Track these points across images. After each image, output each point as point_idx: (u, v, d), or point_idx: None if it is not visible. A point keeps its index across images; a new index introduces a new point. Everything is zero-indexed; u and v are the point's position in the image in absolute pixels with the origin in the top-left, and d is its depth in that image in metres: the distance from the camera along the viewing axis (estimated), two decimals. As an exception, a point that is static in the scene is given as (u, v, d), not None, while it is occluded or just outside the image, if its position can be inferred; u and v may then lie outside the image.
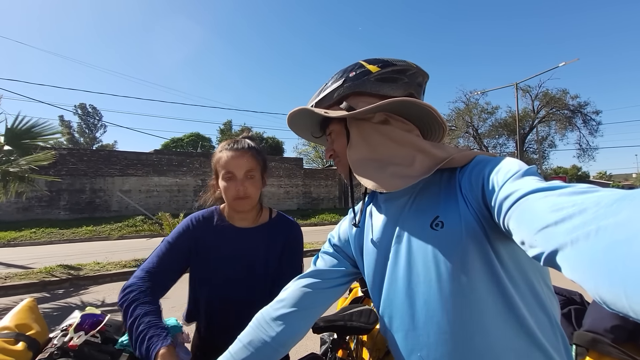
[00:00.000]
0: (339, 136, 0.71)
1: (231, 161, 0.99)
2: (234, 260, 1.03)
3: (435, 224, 0.57)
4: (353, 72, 0.66)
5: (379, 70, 0.65)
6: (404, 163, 0.61)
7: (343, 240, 0.78)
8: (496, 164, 0.52)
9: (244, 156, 1.00)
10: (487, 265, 0.52)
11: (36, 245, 9.56)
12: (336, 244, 0.79)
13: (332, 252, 0.78)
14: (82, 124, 39.75)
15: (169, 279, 0.97)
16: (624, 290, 0.27)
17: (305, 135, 0.81)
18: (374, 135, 0.65)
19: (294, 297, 0.71)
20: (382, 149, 0.64)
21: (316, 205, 18.77)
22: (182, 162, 15.12)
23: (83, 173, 13.09)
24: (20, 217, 11.85)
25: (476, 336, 0.52)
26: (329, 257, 0.77)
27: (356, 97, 0.66)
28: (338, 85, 0.67)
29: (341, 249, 0.77)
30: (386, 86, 0.65)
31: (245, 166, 0.99)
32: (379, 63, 0.66)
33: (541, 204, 0.39)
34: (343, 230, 0.79)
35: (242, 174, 0.99)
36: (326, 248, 0.80)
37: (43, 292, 4.71)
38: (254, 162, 1.01)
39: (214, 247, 1.03)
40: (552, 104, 21.99)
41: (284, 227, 1.10)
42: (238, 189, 0.98)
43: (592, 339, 0.83)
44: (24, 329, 0.77)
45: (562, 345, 0.55)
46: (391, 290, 0.62)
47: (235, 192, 0.99)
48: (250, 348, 0.66)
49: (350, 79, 0.66)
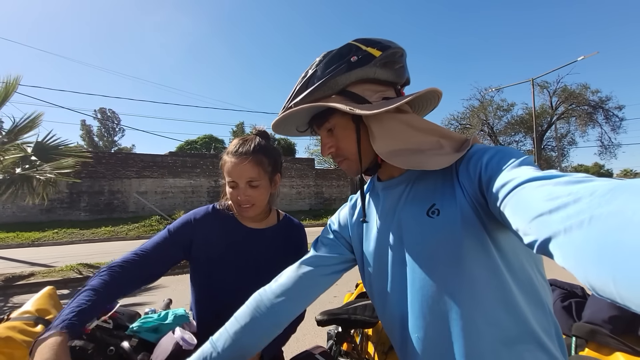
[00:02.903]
0: (345, 131, 0.65)
1: (233, 169, 0.93)
2: (239, 256, 1.00)
3: (431, 212, 0.58)
4: (355, 57, 0.61)
5: (381, 54, 0.62)
6: (434, 148, 0.60)
7: (342, 227, 0.78)
8: (494, 153, 0.53)
9: (246, 164, 0.93)
10: (483, 252, 0.53)
11: (58, 245, 9.92)
12: (336, 230, 0.79)
13: (332, 237, 0.78)
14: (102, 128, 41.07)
15: (159, 267, 0.92)
16: (613, 276, 0.27)
17: (289, 131, 0.73)
18: (397, 125, 0.61)
19: (294, 282, 0.72)
20: (409, 138, 0.61)
21: (328, 205, 18.77)
22: (196, 163, 15.41)
23: (102, 175, 13.53)
24: (43, 219, 12.35)
25: (468, 319, 0.53)
26: (328, 243, 0.78)
27: (361, 84, 0.63)
28: (339, 72, 0.61)
29: (340, 235, 0.78)
30: (390, 72, 0.63)
31: (247, 175, 0.93)
32: (376, 45, 0.62)
33: (536, 193, 0.40)
34: (343, 216, 0.80)
35: (244, 183, 0.94)
36: (325, 234, 0.80)
37: (65, 290, 4.91)
38: (257, 169, 0.94)
39: (218, 244, 0.99)
40: (571, 100, 21.28)
41: (292, 230, 1.09)
42: (241, 198, 0.95)
43: (590, 330, 0.83)
44: (43, 314, 0.83)
45: (554, 334, 0.56)
46: (387, 276, 0.64)
47: (238, 201, 0.96)
48: (247, 328, 0.68)
49: (354, 65, 0.61)
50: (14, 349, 0.70)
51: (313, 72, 0.63)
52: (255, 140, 0.98)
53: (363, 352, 1.44)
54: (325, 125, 0.67)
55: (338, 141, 0.66)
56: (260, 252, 1.02)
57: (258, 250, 1.02)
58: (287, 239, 1.07)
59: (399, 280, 0.62)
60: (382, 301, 0.66)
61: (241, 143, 0.97)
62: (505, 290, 0.52)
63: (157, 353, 0.81)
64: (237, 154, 0.94)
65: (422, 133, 0.61)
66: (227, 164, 0.95)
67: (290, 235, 1.08)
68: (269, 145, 1.00)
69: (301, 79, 0.65)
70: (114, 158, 14.37)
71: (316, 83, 0.62)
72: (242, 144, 0.96)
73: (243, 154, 0.94)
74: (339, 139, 0.66)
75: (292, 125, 0.71)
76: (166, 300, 1.25)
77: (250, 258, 1.01)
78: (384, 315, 0.68)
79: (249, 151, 0.94)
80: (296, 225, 1.12)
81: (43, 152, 5.36)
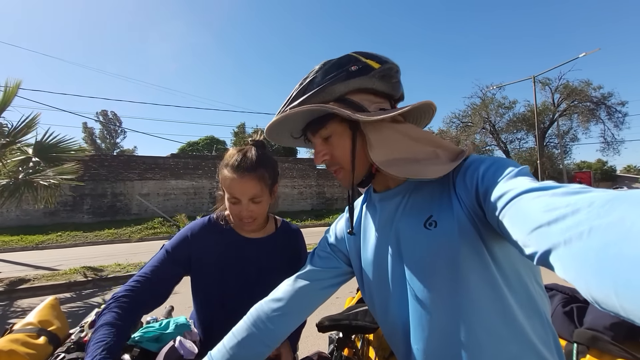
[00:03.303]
0: (341, 138, 0.64)
1: (235, 186, 0.91)
2: (241, 268, 1.00)
3: (428, 224, 0.57)
4: (355, 67, 0.62)
5: (380, 66, 0.63)
6: (430, 158, 0.60)
7: (339, 239, 0.78)
8: (490, 164, 0.53)
9: (248, 181, 0.90)
10: (480, 264, 0.53)
11: (62, 248, 9.99)
12: (333, 243, 0.79)
13: (329, 251, 0.79)
14: (104, 130, 41.27)
15: (164, 288, 0.93)
16: (614, 289, 0.27)
17: (282, 137, 0.72)
18: (394, 134, 0.61)
19: (289, 297, 0.72)
20: (405, 148, 0.61)
21: (330, 205, 18.77)
22: (198, 165, 15.46)
23: (104, 178, 13.61)
24: (47, 222, 12.42)
25: (469, 332, 0.53)
26: (325, 257, 0.78)
27: (359, 94, 0.63)
28: (338, 80, 0.61)
29: (337, 248, 0.78)
30: (387, 85, 0.64)
31: (250, 193, 0.92)
32: (375, 59, 0.64)
33: (534, 204, 0.40)
34: (340, 229, 0.79)
35: (246, 200, 0.92)
36: (322, 247, 0.81)
37: (68, 293, 4.94)
38: (260, 185, 0.92)
39: (217, 256, 0.98)
40: (573, 96, 21.17)
41: (291, 237, 1.10)
42: (244, 214, 0.94)
43: (592, 336, 0.83)
44: (46, 325, 0.84)
45: (552, 343, 0.56)
46: (387, 288, 0.64)
47: (240, 216, 0.95)
48: (244, 343, 0.69)
49: (353, 74, 0.62)
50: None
51: (312, 79, 0.63)
52: (252, 152, 0.94)
53: (364, 357, 1.43)
54: (321, 132, 0.65)
55: (333, 149, 0.65)
56: (261, 260, 1.02)
57: (258, 258, 1.02)
58: (286, 246, 1.07)
59: (399, 292, 0.61)
60: (384, 313, 0.66)
61: (241, 157, 0.92)
62: (503, 301, 0.52)
63: (158, 363, 0.81)
64: (238, 170, 0.90)
65: (418, 143, 0.61)
66: (227, 180, 0.92)
67: (289, 242, 1.09)
68: (268, 155, 0.98)
69: (299, 85, 0.65)
70: (117, 160, 14.44)
71: (315, 89, 0.62)
72: (242, 158, 0.92)
73: (245, 171, 0.90)
74: (334, 147, 0.65)
75: (286, 131, 0.70)
76: (168, 308, 1.26)
77: (251, 267, 1.01)
78: (385, 326, 0.67)
79: (252, 167, 0.91)
80: (294, 230, 1.12)
81: (43, 152, 5.31)
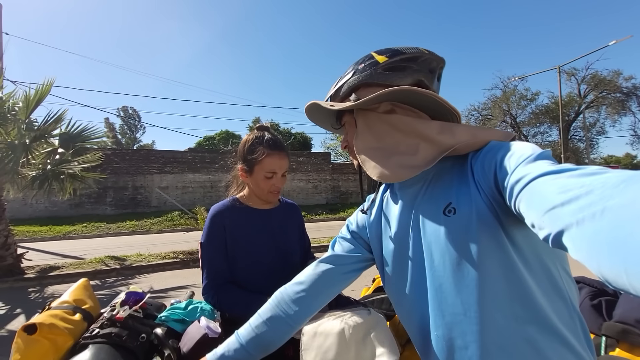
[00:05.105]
0: (350, 127, 0.72)
1: (277, 162, 1.10)
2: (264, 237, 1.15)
3: (447, 211, 0.57)
4: (362, 64, 0.68)
5: (386, 60, 0.66)
6: (409, 152, 0.61)
7: (361, 227, 0.79)
8: (509, 149, 0.52)
9: (285, 156, 1.12)
10: (500, 250, 0.52)
11: (87, 238, 10.46)
12: (354, 230, 0.80)
13: (350, 238, 0.80)
14: (124, 126, 42.54)
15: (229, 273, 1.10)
16: (625, 267, 0.27)
17: (326, 127, 0.83)
18: (379, 124, 0.65)
19: (313, 280, 0.75)
20: (387, 138, 0.64)
21: (345, 199, 18.77)
22: (214, 159, 15.72)
23: (126, 171, 14.06)
24: (73, 213, 13.00)
25: (490, 319, 0.53)
26: (347, 243, 0.79)
27: (365, 88, 0.67)
28: (348, 78, 0.69)
29: (359, 235, 0.79)
30: (394, 75, 0.65)
31: (286, 166, 1.13)
32: (387, 53, 0.67)
33: (549, 186, 0.40)
34: (361, 217, 0.81)
35: (282, 173, 1.13)
36: (344, 233, 0.82)
37: (93, 281, 5.18)
38: (289, 160, 1.15)
39: (244, 228, 1.13)
40: (601, 87, 20.18)
41: (292, 208, 1.30)
42: (276, 186, 1.13)
43: (622, 329, 0.80)
44: (80, 304, 0.89)
45: (580, 329, 0.54)
46: (407, 274, 0.64)
47: (272, 188, 1.12)
48: (269, 323, 0.72)
49: (359, 71, 0.67)
50: (57, 335, 0.75)
51: (340, 77, 0.72)
52: (273, 134, 1.15)
53: (382, 345, 1.44)
54: (341, 122, 0.75)
55: (347, 136, 0.73)
56: (274, 228, 1.18)
57: (272, 227, 1.18)
58: (290, 216, 1.26)
59: (418, 279, 0.62)
60: (402, 300, 0.67)
61: (271, 137, 1.13)
62: (523, 284, 0.52)
63: (184, 340, 0.84)
64: (277, 148, 1.11)
65: (401, 134, 0.63)
66: (267, 156, 1.09)
67: (292, 213, 1.28)
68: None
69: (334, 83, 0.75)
70: (137, 155, 14.89)
71: (335, 88, 0.72)
72: (272, 138, 1.13)
73: (282, 149, 1.12)
74: (347, 135, 0.73)
75: (326, 121, 0.81)
76: (189, 292, 1.30)
77: (269, 235, 1.17)
78: (402, 313, 0.68)
79: (283, 145, 1.14)
80: (292, 203, 1.33)
81: (68, 141, 5.56)
